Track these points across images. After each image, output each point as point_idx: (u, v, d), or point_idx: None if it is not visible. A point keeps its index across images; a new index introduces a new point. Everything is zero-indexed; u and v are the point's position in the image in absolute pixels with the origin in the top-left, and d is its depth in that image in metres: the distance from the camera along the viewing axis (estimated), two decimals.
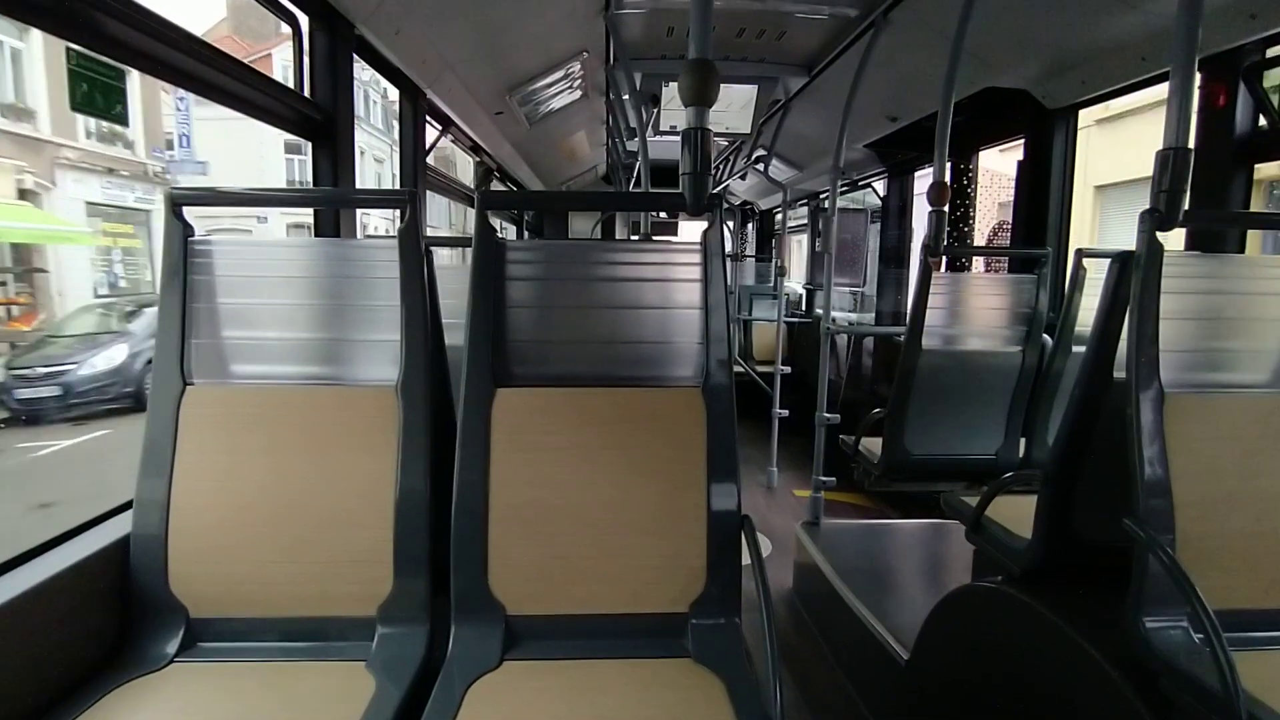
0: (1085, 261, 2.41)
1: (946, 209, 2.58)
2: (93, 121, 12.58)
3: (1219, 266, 1.41)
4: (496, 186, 5.35)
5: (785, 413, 4.82)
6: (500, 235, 1.45)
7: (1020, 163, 3.28)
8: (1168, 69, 1.28)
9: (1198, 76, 1.80)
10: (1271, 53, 2.13)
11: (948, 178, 2.56)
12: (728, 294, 1.45)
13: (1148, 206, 1.30)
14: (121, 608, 1.33)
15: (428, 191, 3.60)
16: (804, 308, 7.07)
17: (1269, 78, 2.16)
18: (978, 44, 2.59)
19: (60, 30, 1.26)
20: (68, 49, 1.29)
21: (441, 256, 2.47)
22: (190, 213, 1.43)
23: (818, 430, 3.31)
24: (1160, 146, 1.28)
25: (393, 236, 1.41)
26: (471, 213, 1.62)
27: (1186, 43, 1.26)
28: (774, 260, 6.44)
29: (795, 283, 7.66)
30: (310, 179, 2.27)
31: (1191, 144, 1.27)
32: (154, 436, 1.37)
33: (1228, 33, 2.03)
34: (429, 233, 1.60)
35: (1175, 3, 1.27)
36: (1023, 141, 3.28)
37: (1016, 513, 1.81)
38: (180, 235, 1.40)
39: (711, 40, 1.33)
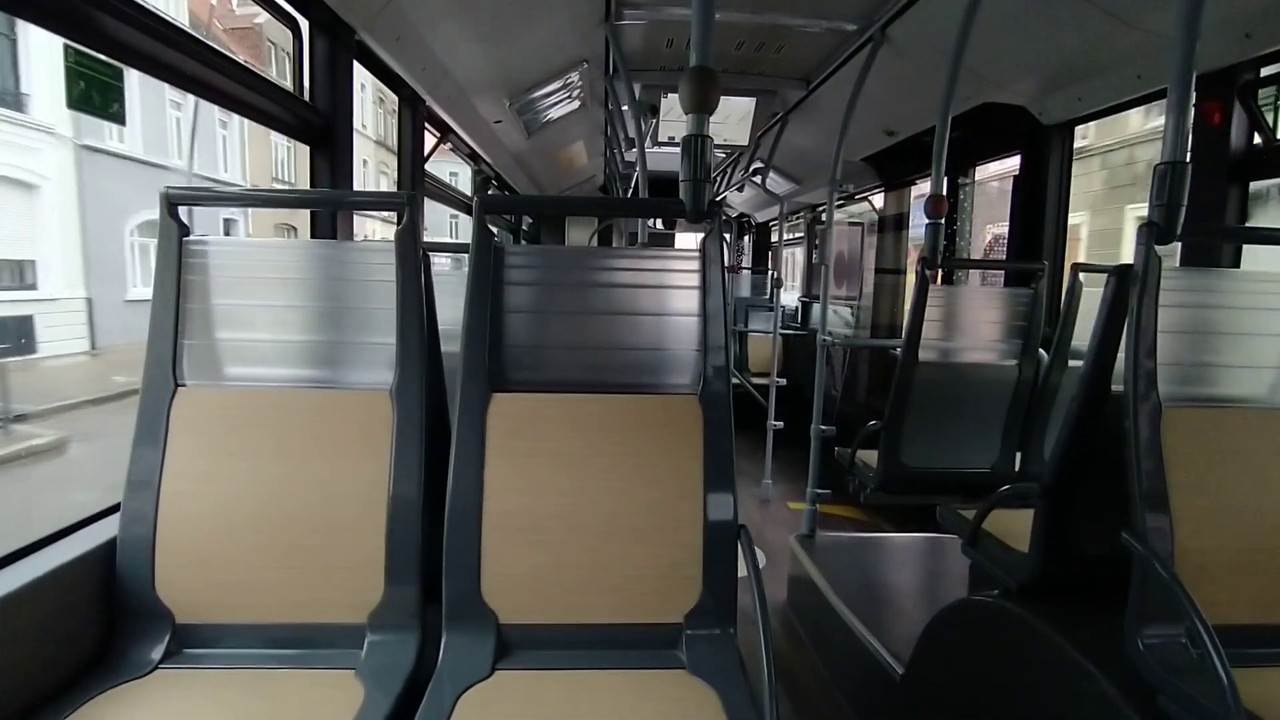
0: (1081, 276, 2.42)
1: (943, 222, 2.59)
2: None
3: (1217, 281, 1.41)
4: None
5: (780, 425, 4.81)
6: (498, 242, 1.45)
7: (1016, 178, 3.30)
8: (1163, 86, 1.29)
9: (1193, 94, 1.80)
10: (1266, 71, 2.15)
11: (945, 191, 2.57)
12: (723, 301, 1.44)
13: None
14: (107, 613, 1.30)
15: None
16: (799, 320, 7.08)
17: (1263, 96, 2.18)
18: (975, 60, 2.61)
19: (58, 27, 1.25)
20: (65, 46, 1.28)
21: (442, 264, 2.46)
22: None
23: (813, 442, 3.31)
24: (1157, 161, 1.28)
25: (390, 241, 1.40)
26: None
27: (1184, 60, 1.26)
28: (770, 272, 6.45)
29: (791, 296, 7.67)
30: None
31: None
32: (143, 438, 1.35)
33: (1223, 52, 2.05)
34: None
35: (1171, 21, 1.28)
36: (1019, 157, 3.31)
37: (1013, 527, 1.80)
38: (176, 234, 1.39)
39: (713, 49, 1.34)
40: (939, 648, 1.87)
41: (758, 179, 5.62)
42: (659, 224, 7.83)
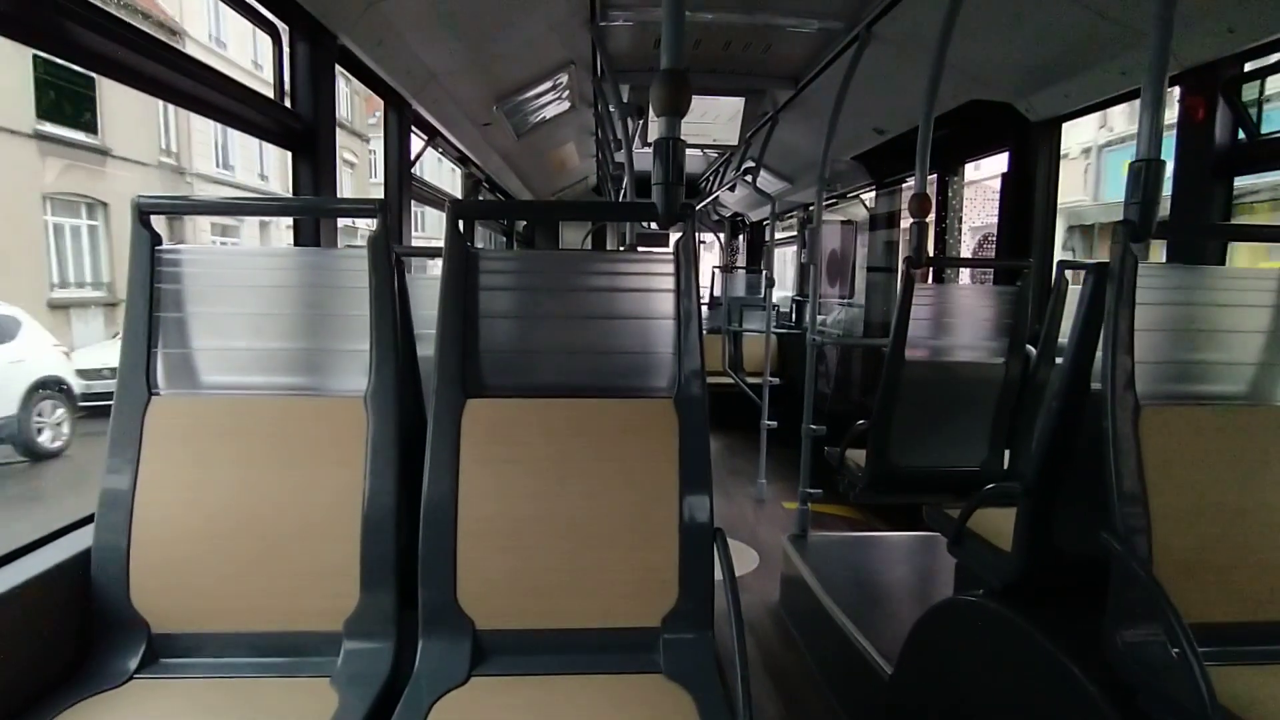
0: (1067, 273, 2.42)
1: (930, 220, 2.58)
2: None
3: (1194, 278, 1.41)
4: (485, 198, 5.35)
5: (774, 424, 4.81)
6: (483, 246, 1.44)
7: (1004, 175, 3.29)
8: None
9: (1177, 90, 1.78)
10: (1250, 66, 2.14)
11: (932, 190, 2.57)
12: (698, 304, 1.44)
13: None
14: (81, 623, 1.30)
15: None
16: (794, 319, 7.08)
17: (1247, 91, 2.17)
18: (961, 57, 2.61)
19: (26, 37, 1.25)
20: (35, 57, 1.27)
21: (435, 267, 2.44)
22: None
23: (804, 442, 3.30)
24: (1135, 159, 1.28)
25: (362, 246, 1.40)
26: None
27: (1158, 57, 1.27)
28: (763, 272, 6.46)
29: (784, 294, 7.67)
30: None
31: (1172, 158, 1.28)
32: (117, 447, 1.34)
33: (1206, 47, 2.05)
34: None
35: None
36: (1007, 154, 3.30)
37: (999, 525, 1.80)
38: (148, 244, 1.38)
39: (685, 50, 1.33)
40: (926, 647, 1.87)
41: (749, 178, 5.62)
42: (652, 225, 7.82)
